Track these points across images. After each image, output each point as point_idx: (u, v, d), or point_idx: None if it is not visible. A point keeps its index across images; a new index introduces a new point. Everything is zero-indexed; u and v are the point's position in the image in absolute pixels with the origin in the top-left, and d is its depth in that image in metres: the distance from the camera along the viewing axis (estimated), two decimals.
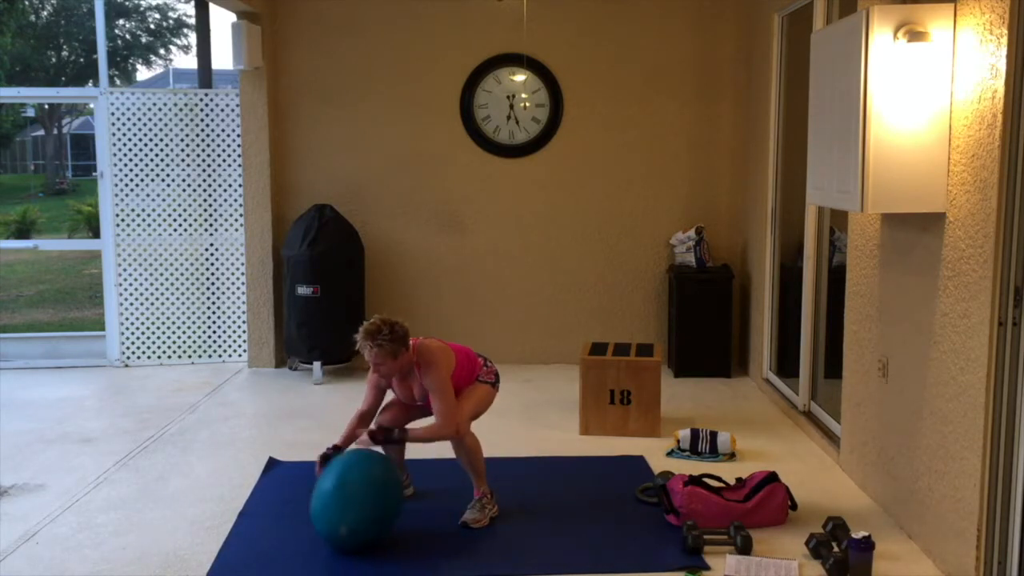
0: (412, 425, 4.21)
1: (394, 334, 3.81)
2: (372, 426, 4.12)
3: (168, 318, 7.05)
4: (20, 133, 27.08)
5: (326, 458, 3.91)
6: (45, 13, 25.45)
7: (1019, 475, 3.18)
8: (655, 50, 6.89)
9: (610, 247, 7.03)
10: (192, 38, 26.64)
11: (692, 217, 6.98)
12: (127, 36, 26.61)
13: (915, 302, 3.83)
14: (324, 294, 6.44)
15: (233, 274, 7.06)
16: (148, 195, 6.96)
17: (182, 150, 6.95)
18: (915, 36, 3.53)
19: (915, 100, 3.56)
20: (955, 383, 3.48)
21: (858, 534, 3.48)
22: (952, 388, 3.50)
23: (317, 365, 6.52)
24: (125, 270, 6.99)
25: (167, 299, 7.03)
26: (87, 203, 17.04)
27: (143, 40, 26.87)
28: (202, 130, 6.94)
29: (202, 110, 6.93)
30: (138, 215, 6.96)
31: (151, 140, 6.92)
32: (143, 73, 28.51)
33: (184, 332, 7.07)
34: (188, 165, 6.96)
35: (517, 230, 7.04)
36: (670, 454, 4.95)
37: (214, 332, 7.10)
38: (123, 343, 7.03)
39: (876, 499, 4.26)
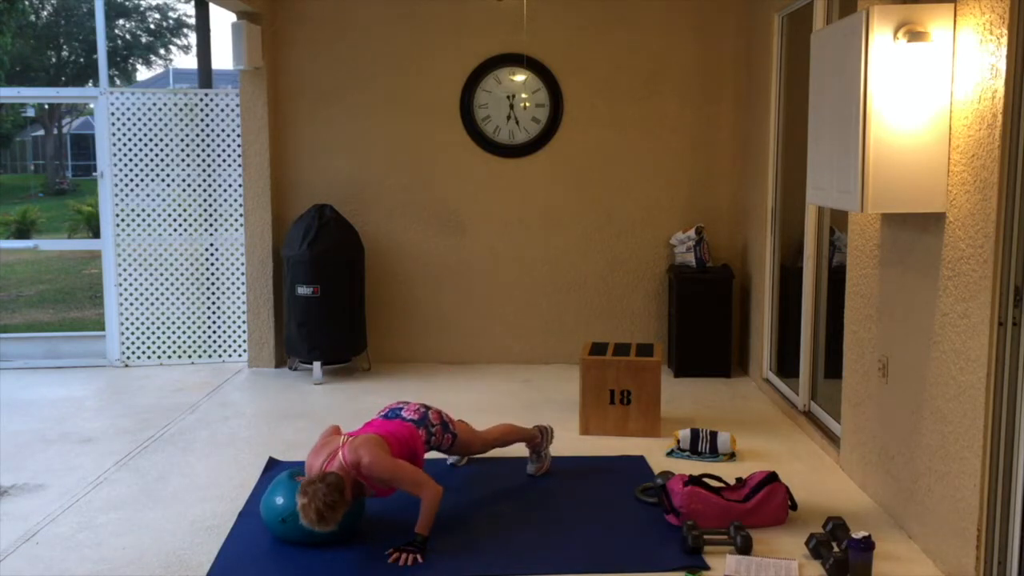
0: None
1: (335, 509, 3.59)
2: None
3: (168, 318, 7.05)
4: (20, 133, 27.09)
5: None
6: (45, 13, 25.47)
7: (1019, 475, 3.18)
8: (655, 50, 6.89)
9: (610, 247, 7.03)
10: (192, 38, 26.68)
11: (692, 217, 6.98)
12: (127, 36, 26.64)
13: (915, 302, 3.83)
14: (324, 294, 6.44)
15: (233, 274, 7.06)
16: (148, 195, 6.96)
17: (182, 150, 6.95)
18: (915, 36, 3.53)
19: (915, 100, 3.56)
20: (955, 383, 3.48)
21: (858, 534, 3.48)
22: (952, 388, 3.50)
23: (317, 365, 6.52)
24: (125, 270, 6.99)
25: (167, 299, 7.03)
26: (87, 203, 17.04)
27: (143, 40, 26.89)
28: (202, 130, 6.94)
29: (202, 110, 6.93)
30: (138, 215, 6.97)
31: (151, 140, 6.92)
32: (143, 73, 28.56)
33: (184, 332, 7.07)
34: (188, 165, 6.96)
35: (517, 230, 7.04)
36: (670, 454, 4.95)
37: (214, 332, 7.10)
38: (123, 343, 7.03)
39: (876, 499, 4.26)
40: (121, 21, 26.29)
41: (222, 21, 41.97)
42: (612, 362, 5.28)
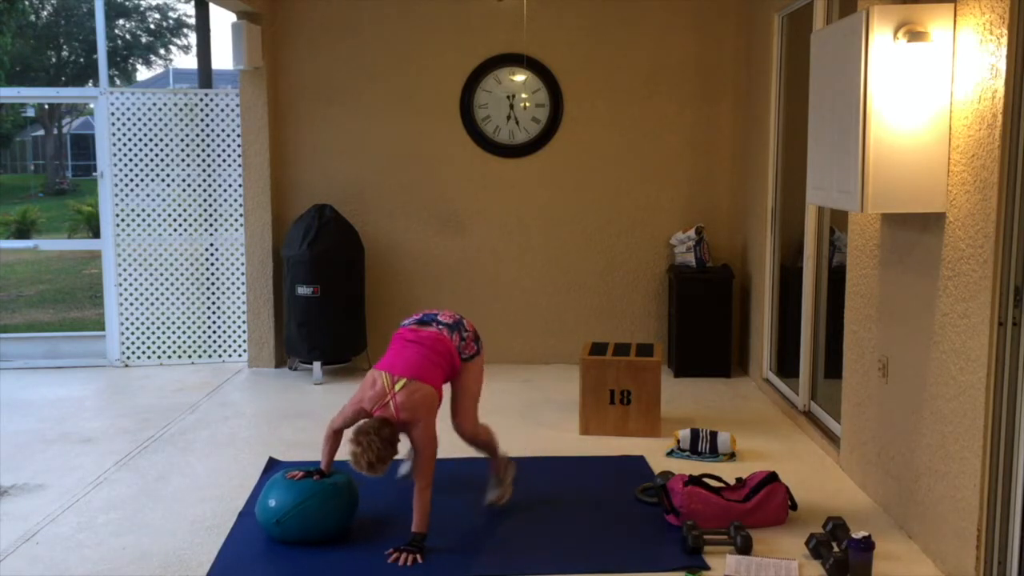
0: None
1: (385, 462, 3.67)
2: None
3: (168, 318, 7.05)
4: (20, 133, 27.09)
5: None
6: (45, 13, 25.48)
7: (1019, 475, 3.18)
8: (655, 50, 6.89)
9: (610, 247, 7.03)
10: (192, 38, 26.68)
11: (692, 217, 6.98)
12: (127, 36, 26.64)
13: (915, 302, 3.83)
14: (324, 294, 6.45)
15: (233, 274, 7.06)
16: (148, 195, 6.96)
17: (182, 150, 6.95)
18: (915, 36, 3.53)
19: (915, 100, 3.56)
20: (955, 383, 3.48)
21: (858, 534, 3.48)
22: (952, 388, 3.50)
23: (317, 365, 6.52)
24: (125, 270, 6.99)
25: (167, 299, 7.03)
26: (87, 203, 17.04)
27: (143, 40, 26.90)
28: (202, 130, 6.94)
29: (202, 110, 6.93)
30: (138, 215, 6.97)
31: (151, 140, 6.92)
32: (143, 73, 28.56)
33: (184, 332, 7.07)
34: (188, 165, 6.96)
35: (517, 230, 7.04)
36: (670, 454, 4.95)
37: (214, 332, 7.10)
38: (123, 343, 7.03)
39: (876, 499, 4.26)
40: (121, 21, 26.30)
41: (222, 21, 41.97)
42: (612, 362, 5.28)
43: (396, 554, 3.69)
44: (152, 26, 26.97)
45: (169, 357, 7.09)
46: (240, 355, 7.11)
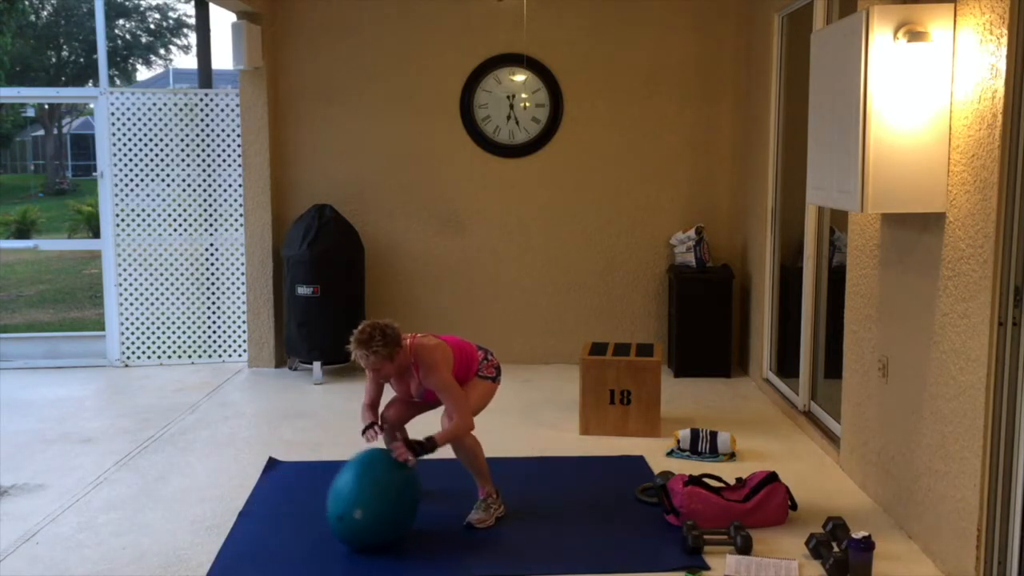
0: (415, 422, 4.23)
1: (386, 338, 3.80)
2: (390, 428, 4.22)
3: (168, 318, 7.05)
4: (20, 133, 27.09)
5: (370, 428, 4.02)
6: (45, 13, 25.48)
7: (1019, 475, 3.18)
8: (655, 50, 6.89)
9: (610, 247, 7.03)
10: (192, 38, 26.67)
11: (692, 217, 6.98)
12: (127, 36, 26.65)
13: (915, 302, 3.83)
14: (324, 294, 6.45)
15: (233, 274, 7.06)
16: (148, 195, 6.96)
17: (182, 150, 6.95)
18: (915, 36, 3.53)
19: (915, 100, 3.56)
20: (955, 383, 3.48)
21: (858, 534, 3.48)
22: (952, 388, 3.50)
23: (317, 365, 6.52)
24: (125, 270, 6.98)
25: (167, 299, 7.03)
26: (87, 203, 17.04)
27: (143, 40, 26.90)
28: (202, 130, 6.94)
29: (202, 110, 6.93)
30: (138, 215, 6.97)
31: (151, 140, 6.92)
32: (143, 73, 28.57)
33: (184, 332, 7.07)
34: (188, 165, 6.96)
35: (517, 230, 7.04)
36: (670, 454, 4.95)
37: (214, 332, 7.10)
38: (123, 343, 7.03)
39: (876, 499, 4.26)
40: (121, 21, 26.30)
41: (222, 21, 41.95)
42: (612, 362, 5.28)
43: (400, 446, 3.79)
44: (152, 26, 26.99)
45: (169, 357, 7.09)
46: (240, 355, 7.11)
